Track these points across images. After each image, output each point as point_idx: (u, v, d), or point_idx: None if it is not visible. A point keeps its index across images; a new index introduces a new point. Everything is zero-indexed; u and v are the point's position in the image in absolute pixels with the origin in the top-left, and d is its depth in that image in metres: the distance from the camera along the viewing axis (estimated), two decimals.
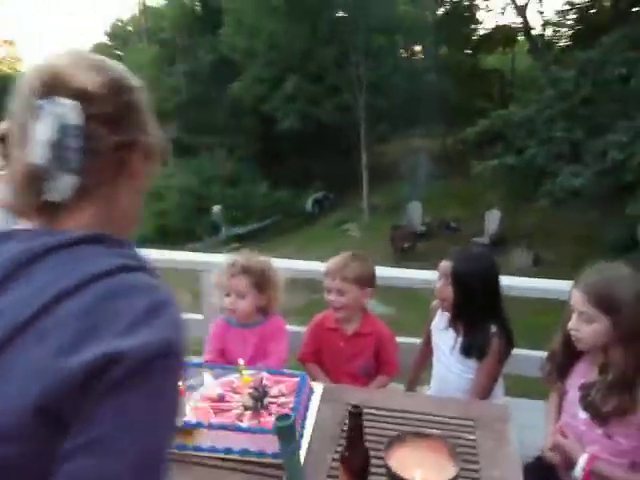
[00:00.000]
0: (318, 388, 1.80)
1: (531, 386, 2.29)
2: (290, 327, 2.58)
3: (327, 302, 2.20)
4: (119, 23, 26.88)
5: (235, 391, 1.70)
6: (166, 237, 17.37)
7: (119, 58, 25.01)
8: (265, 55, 18.45)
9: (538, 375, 1.88)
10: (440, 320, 2.21)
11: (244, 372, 1.75)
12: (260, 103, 19.12)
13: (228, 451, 1.48)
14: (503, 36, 22.01)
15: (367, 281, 2.19)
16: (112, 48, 26.92)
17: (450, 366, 2.12)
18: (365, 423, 1.61)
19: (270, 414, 1.57)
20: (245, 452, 1.47)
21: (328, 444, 1.53)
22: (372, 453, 1.30)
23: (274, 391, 1.68)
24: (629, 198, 9.93)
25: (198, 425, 1.52)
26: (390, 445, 1.29)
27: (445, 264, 2.08)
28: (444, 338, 2.16)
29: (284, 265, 2.48)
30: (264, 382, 1.72)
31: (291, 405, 1.60)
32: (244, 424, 1.54)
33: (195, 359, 2.18)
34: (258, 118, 20.38)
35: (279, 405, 1.61)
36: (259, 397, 1.60)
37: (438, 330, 2.20)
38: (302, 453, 1.47)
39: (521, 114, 11.60)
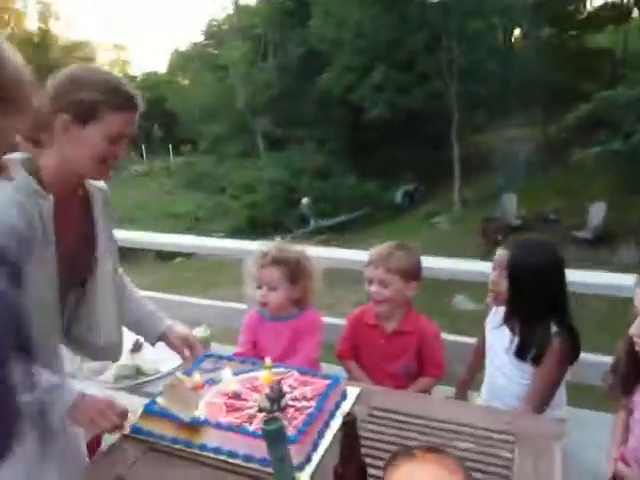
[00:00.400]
0: (352, 393, 1.62)
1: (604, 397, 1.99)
2: (331, 320, 2.45)
3: (367, 294, 2.03)
4: (214, 22, 27.82)
5: (256, 389, 1.58)
6: (256, 229, 17.79)
7: (215, 56, 25.94)
8: (352, 44, 18.24)
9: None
10: (494, 317, 1.97)
11: (271, 370, 1.63)
12: (348, 93, 18.96)
13: (232, 454, 1.36)
14: (615, 12, 20.22)
15: (412, 273, 2.00)
16: (208, 47, 27.98)
17: (503, 369, 1.88)
18: (389, 431, 1.45)
19: (285, 418, 1.42)
20: (248, 458, 1.34)
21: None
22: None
23: (296, 393, 1.54)
24: None
25: (205, 423, 1.42)
26: (394, 459, 1.11)
27: (501, 253, 1.84)
28: (498, 337, 1.92)
29: (324, 254, 2.33)
30: (286, 382, 1.59)
31: (309, 411, 1.45)
32: (251, 427, 1.41)
33: (226, 352, 2.11)
34: (347, 109, 20.27)
35: (297, 410, 1.46)
36: (274, 398, 1.47)
37: (492, 328, 1.96)
38: (312, 466, 1.32)
39: (628, 95, 10.53)
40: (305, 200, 18.64)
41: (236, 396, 1.54)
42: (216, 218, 20.09)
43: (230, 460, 1.35)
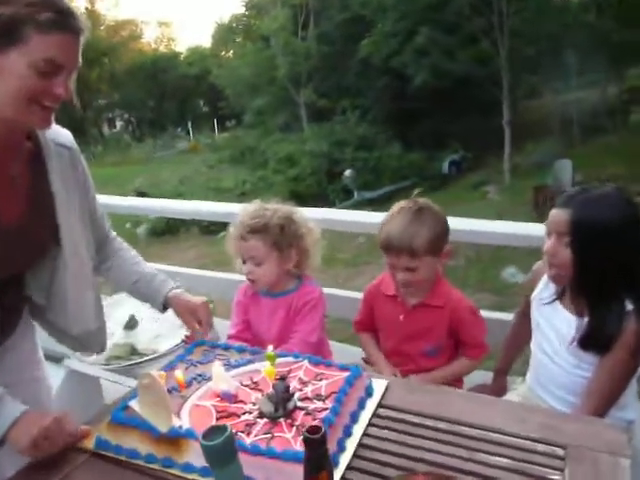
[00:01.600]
0: (379, 387, 1.26)
1: None
2: (349, 293, 2.14)
3: (392, 276, 1.66)
4: None
5: (257, 388, 1.25)
6: (299, 202, 17.45)
7: (256, 27, 25.54)
8: (396, 7, 17.37)
9: None
10: (545, 290, 1.57)
11: (274, 361, 1.29)
12: (390, 60, 18.18)
13: None
14: None
15: (442, 242, 1.60)
16: (249, 17, 27.54)
17: (554, 357, 1.50)
18: (395, 437, 1.12)
19: (292, 426, 1.10)
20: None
21: None
22: None
23: (307, 391, 1.21)
24: None
25: (187, 435, 1.10)
26: None
27: (558, 214, 1.40)
28: (549, 317, 1.53)
29: (324, 216, 2.00)
30: (295, 376, 1.27)
31: (324, 415, 1.11)
32: (249, 439, 1.08)
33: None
34: (390, 77, 19.50)
35: (308, 413, 1.13)
36: (277, 400, 1.14)
37: (541, 304, 1.56)
38: None
39: None
40: (348, 172, 18.15)
41: (230, 397, 1.21)
42: (260, 192, 19.86)
43: None
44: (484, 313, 1.75)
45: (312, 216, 1.81)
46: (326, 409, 1.13)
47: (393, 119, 20.04)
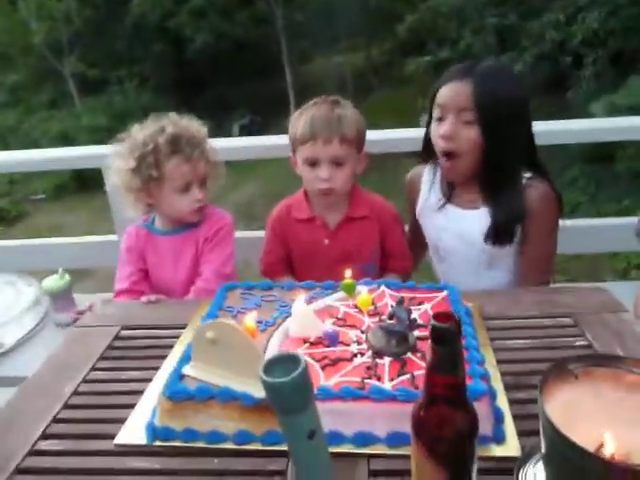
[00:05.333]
0: (473, 310, 1.04)
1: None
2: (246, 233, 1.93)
3: (309, 186, 1.47)
4: None
5: (345, 324, 0.96)
6: (82, 185, 15.82)
7: None
8: None
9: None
10: (431, 196, 1.46)
11: (353, 289, 1.02)
12: (166, 21, 17.23)
13: (366, 439, 0.78)
14: None
15: (364, 138, 1.47)
16: None
17: (467, 265, 1.41)
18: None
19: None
20: (395, 438, 0.77)
21: None
22: None
23: (414, 317, 0.92)
24: (569, 83, 9.57)
25: None
26: (549, 380, 0.61)
27: (457, 87, 1.25)
28: (445, 225, 1.43)
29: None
30: (387, 304, 1.00)
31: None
32: (386, 385, 0.80)
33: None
34: (168, 41, 18.53)
35: None
36: (405, 328, 0.87)
37: (430, 213, 1.46)
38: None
39: (449, 3, 10.88)
40: None
41: (334, 338, 0.90)
42: (34, 177, 17.53)
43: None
44: None
45: None
46: None
47: (177, 86, 19.15)
